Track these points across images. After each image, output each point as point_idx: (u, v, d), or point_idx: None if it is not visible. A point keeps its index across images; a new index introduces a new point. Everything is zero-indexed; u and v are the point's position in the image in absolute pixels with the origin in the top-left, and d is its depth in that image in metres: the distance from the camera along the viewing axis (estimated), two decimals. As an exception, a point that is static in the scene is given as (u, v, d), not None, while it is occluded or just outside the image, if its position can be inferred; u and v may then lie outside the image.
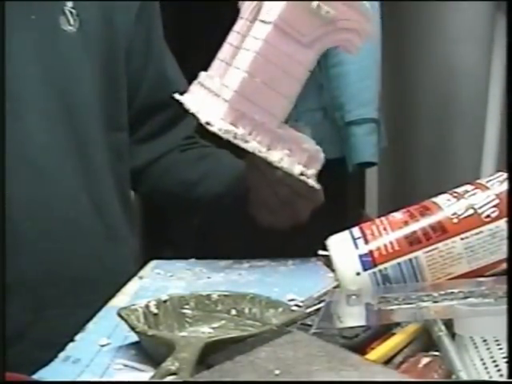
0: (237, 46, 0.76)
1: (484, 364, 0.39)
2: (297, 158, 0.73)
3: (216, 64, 0.79)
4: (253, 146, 0.70)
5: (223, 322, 0.53)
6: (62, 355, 0.49)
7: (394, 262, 0.52)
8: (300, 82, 0.72)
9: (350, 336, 0.45)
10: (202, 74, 0.81)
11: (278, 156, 0.71)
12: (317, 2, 0.68)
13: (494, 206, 0.52)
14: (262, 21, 0.72)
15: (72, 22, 0.76)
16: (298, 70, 0.72)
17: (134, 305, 0.52)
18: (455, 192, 0.55)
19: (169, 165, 0.91)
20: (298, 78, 0.72)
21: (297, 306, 0.55)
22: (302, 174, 0.72)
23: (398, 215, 0.56)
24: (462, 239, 0.51)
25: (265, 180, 0.76)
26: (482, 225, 0.52)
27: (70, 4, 0.76)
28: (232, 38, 0.79)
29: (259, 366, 0.37)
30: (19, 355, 0.59)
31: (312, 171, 0.74)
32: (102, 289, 0.67)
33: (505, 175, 0.54)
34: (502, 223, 0.51)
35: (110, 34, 0.81)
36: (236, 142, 0.68)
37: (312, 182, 0.73)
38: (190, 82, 0.81)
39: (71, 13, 0.77)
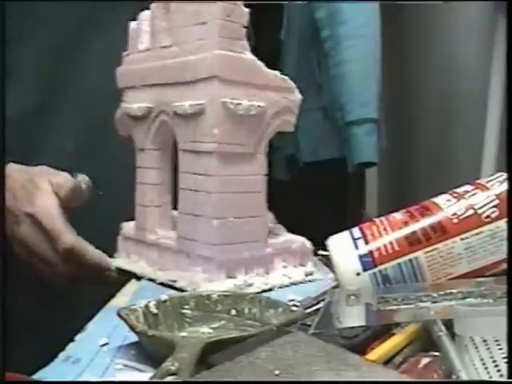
0: (183, 188, 0.69)
1: (484, 364, 0.39)
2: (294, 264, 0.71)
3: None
4: (258, 285, 0.65)
5: (223, 322, 0.53)
6: (62, 355, 0.49)
7: (394, 262, 0.52)
8: (264, 188, 0.68)
9: (350, 336, 0.45)
10: (150, 234, 0.74)
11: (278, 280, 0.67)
12: (233, 102, 0.63)
13: (494, 207, 0.52)
14: (200, 152, 0.66)
15: None
16: (257, 181, 0.68)
17: (133, 305, 0.51)
18: (455, 192, 0.55)
19: None
20: (260, 189, 0.68)
21: (295, 305, 0.55)
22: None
23: (398, 215, 0.56)
24: (462, 239, 0.51)
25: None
26: (482, 225, 0.52)
27: None
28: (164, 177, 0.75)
29: (259, 366, 0.37)
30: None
31: (310, 267, 0.72)
32: None
33: (505, 175, 0.54)
34: (502, 223, 0.51)
35: None
36: (239, 291, 0.62)
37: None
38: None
39: None
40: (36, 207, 0.69)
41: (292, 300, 0.60)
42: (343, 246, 0.55)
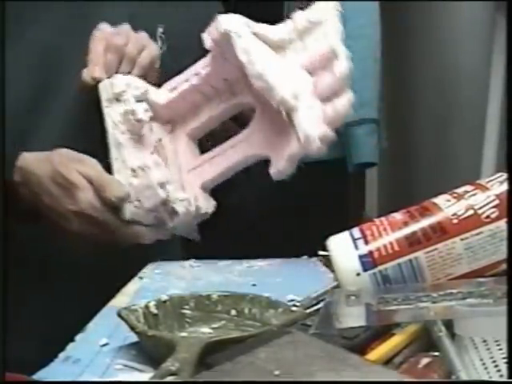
0: None
1: (484, 364, 0.39)
2: None
3: None
4: None
5: (223, 322, 0.53)
6: (62, 355, 0.49)
7: (394, 262, 0.52)
8: None
9: (350, 336, 0.45)
10: None
11: None
12: None
13: (494, 207, 0.52)
14: None
15: (160, 44, 0.89)
16: None
17: (133, 305, 0.52)
18: (455, 192, 0.55)
19: None
20: None
21: (295, 306, 0.55)
22: None
23: (397, 216, 0.56)
24: (461, 240, 0.51)
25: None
26: (481, 225, 0.52)
27: (160, 30, 0.91)
28: None
29: (259, 367, 0.37)
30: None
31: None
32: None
33: (505, 176, 0.54)
34: (502, 224, 0.51)
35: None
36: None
37: None
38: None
39: (161, 38, 0.91)
40: (81, 204, 0.70)
41: (292, 300, 0.60)
42: (343, 247, 0.55)
